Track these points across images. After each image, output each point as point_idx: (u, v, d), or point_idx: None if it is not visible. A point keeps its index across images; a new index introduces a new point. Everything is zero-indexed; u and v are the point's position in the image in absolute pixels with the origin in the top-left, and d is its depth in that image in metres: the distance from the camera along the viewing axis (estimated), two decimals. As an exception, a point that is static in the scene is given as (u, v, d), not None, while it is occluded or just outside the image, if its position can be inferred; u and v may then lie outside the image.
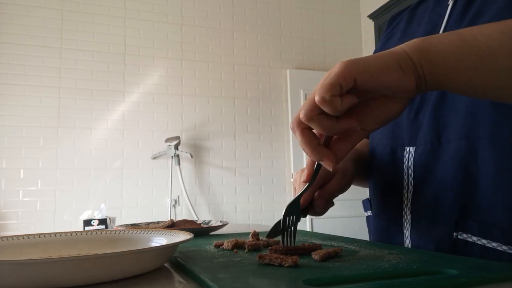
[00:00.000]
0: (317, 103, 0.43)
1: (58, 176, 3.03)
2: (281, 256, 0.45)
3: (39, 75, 3.07)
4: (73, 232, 0.62)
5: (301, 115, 0.45)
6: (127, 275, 0.44)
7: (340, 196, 1.01)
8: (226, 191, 3.44)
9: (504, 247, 0.53)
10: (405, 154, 0.66)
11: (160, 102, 3.34)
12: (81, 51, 3.18)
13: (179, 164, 3.24)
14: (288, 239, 0.53)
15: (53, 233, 0.60)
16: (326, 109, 0.43)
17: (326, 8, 3.95)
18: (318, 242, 0.65)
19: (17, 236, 0.58)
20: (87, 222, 2.70)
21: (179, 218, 3.24)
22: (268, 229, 1.03)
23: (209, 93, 3.49)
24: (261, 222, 3.40)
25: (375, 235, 0.74)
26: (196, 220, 1.03)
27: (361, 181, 0.82)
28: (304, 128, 0.47)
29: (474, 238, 0.56)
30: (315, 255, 0.48)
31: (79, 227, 2.95)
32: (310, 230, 1.69)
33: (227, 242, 0.59)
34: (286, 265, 0.44)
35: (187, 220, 1.01)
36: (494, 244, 0.54)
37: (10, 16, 3.04)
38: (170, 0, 3.47)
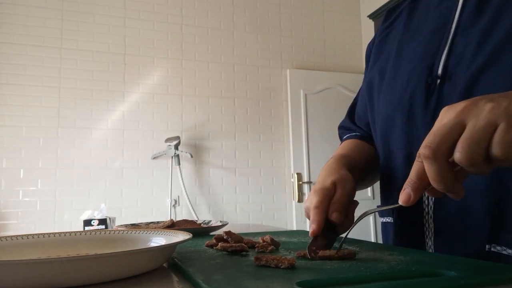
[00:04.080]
0: (497, 155, 0.37)
1: (58, 176, 3.03)
2: (278, 258, 0.45)
3: (39, 75, 3.07)
4: (72, 232, 0.62)
5: (462, 158, 0.38)
6: (126, 275, 0.44)
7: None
8: (226, 191, 3.44)
9: None
10: None
11: (160, 102, 3.34)
12: (81, 51, 3.18)
13: (179, 164, 3.24)
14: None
15: (53, 233, 0.60)
16: (500, 163, 0.38)
17: (326, 8, 3.95)
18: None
19: (17, 236, 0.58)
20: (87, 222, 2.70)
21: (179, 218, 3.24)
22: (267, 229, 1.03)
23: (209, 93, 3.49)
24: (261, 222, 3.40)
25: (395, 242, 0.70)
26: (196, 220, 1.03)
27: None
28: (446, 161, 0.40)
29: (510, 251, 0.51)
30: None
31: (79, 227, 2.94)
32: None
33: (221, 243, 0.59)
34: (283, 266, 0.43)
35: (187, 220, 1.01)
36: None
37: (10, 16, 3.04)
38: (170, 0, 3.47)
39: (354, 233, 0.76)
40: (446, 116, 0.41)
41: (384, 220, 0.76)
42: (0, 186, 2.91)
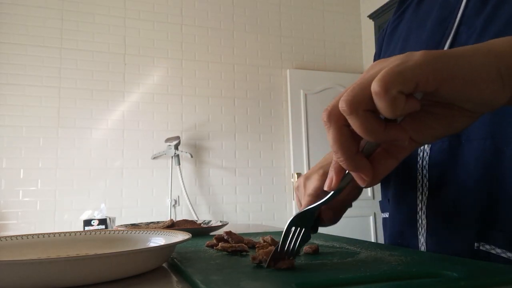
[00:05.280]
0: (372, 93, 0.32)
1: (58, 176, 3.03)
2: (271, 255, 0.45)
3: (39, 75, 3.07)
4: (72, 232, 0.62)
5: (343, 104, 0.33)
6: (125, 275, 0.44)
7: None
8: (226, 191, 3.44)
9: None
10: (419, 152, 0.61)
11: (160, 102, 3.34)
12: (81, 51, 3.18)
13: (179, 164, 3.24)
14: (288, 252, 0.45)
15: (53, 233, 0.60)
16: (382, 105, 0.31)
17: (326, 8, 3.95)
18: (321, 243, 0.65)
19: (17, 236, 0.58)
20: (87, 222, 2.70)
21: (179, 218, 3.24)
22: (267, 229, 1.03)
23: (209, 93, 3.49)
24: (261, 222, 3.40)
25: (389, 239, 0.69)
26: (196, 220, 1.03)
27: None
28: (342, 125, 0.35)
29: (498, 250, 0.50)
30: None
31: (79, 227, 2.94)
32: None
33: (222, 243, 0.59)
34: (284, 267, 0.43)
35: (187, 220, 1.01)
36: None
37: (10, 16, 3.04)
38: (170, 0, 3.47)
39: (354, 233, 0.76)
40: None
41: (384, 216, 0.76)
42: (0, 186, 2.91)
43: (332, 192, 0.42)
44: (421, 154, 0.60)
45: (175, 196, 3.27)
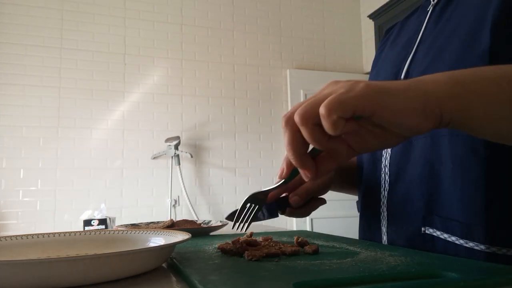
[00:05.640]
0: (321, 112, 0.39)
1: (58, 176, 3.03)
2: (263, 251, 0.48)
3: (39, 75, 3.07)
4: (72, 232, 0.62)
5: (296, 117, 0.41)
6: (125, 275, 0.44)
7: (341, 196, 1.01)
8: (226, 191, 3.44)
9: (461, 241, 0.56)
10: (383, 153, 0.70)
11: (160, 102, 3.34)
12: (81, 51, 3.18)
13: (179, 164, 3.24)
14: (240, 224, 0.58)
15: (53, 233, 0.60)
16: (325, 125, 0.39)
17: (326, 8, 3.95)
18: (321, 243, 0.65)
19: (17, 236, 0.58)
20: (87, 222, 2.70)
21: (179, 218, 3.24)
22: (267, 229, 1.03)
23: (209, 93, 3.49)
24: (261, 222, 3.39)
25: (360, 233, 0.77)
26: (196, 220, 1.03)
27: (350, 189, 0.85)
28: (296, 131, 0.43)
29: (438, 233, 0.59)
30: (249, 256, 0.50)
31: (79, 227, 2.94)
32: (310, 230, 1.67)
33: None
34: (289, 251, 0.47)
35: (187, 220, 1.01)
36: (453, 238, 0.57)
37: (10, 16, 3.04)
38: (170, 0, 3.47)
39: (354, 233, 0.77)
40: None
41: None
42: (0, 186, 2.91)
43: (282, 181, 0.54)
44: (385, 155, 0.69)
45: (175, 196, 3.27)
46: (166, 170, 3.26)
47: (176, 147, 3.19)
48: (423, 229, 0.61)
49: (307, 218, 3.46)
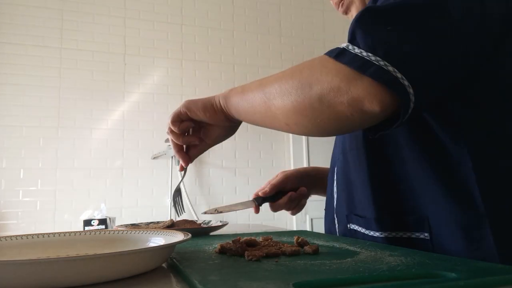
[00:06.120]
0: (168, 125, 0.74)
1: (58, 176, 3.03)
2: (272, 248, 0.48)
3: (39, 75, 3.07)
4: (72, 232, 0.62)
5: (168, 122, 0.74)
6: (125, 275, 0.44)
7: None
8: (226, 191, 3.44)
9: (366, 231, 0.70)
10: (335, 165, 0.84)
11: (160, 102, 3.34)
12: (81, 51, 3.18)
13: (179, 164, 3.23)
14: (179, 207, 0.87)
15: (53, 233, 0.60)
16: (171, 130, 0.74)
17: (326, 8, 3.95)
18: (321, 243, 0.65)
19: (17, 236, 0.58)
20: (87, 222, 2.70)
21: (179, 218, 3.24)
22: (267, 229, 1.03)
23: (209, 93, 3.45)
24: (261, 222, 3.39)
25: (325, 228, 0.92)
26: (196, 220, 1.03)
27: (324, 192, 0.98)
28: (173, 132, 0.75)
29: (358, 228, 0.72)
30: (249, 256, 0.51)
31: (79, 227, 2.94)
32: (310, 230, 1.67)
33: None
34: (289, 252, 0.46)
35: (187, 220, 1.01)
36: (363, 230, 0.71)
37: (10, 16, 3.04)
38: (170, 0, 3.47)
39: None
40: None
41: None
42: (0, 186, 2.91)
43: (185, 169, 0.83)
44: (338, 163, 0.82)
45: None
46: (166, 170, 3.26)
47: (176, 147, 3.19)
48: (348, 225, 0.75)
49: (307, 218, 3.46)
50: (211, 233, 0.89)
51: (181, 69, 3.43)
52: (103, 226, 2.65)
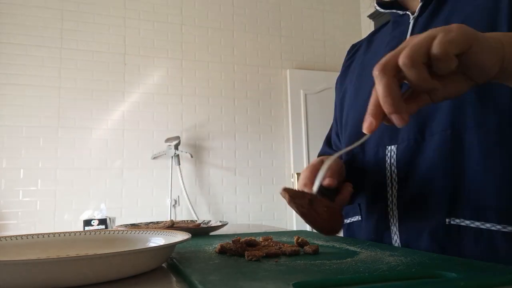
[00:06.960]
0: (437, 53, 0.41)
1: (58, 176, 3.03)
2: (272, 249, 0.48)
3: (39, 75, 3.07)
4: (72, 232, 0.62)
5: (404, 59, 0.42)
6: (125, 275, 0.44)
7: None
8: (226, 191, 3.44)
9: (498, 227, 0.57)
10: (386, 153, 0.71)
11: (160, 102, 3.34)
12: (81, 51, 3.18)
13: (179, 164, 3.24)
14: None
15: (53, 233, 0.60)
16: (441, 63, 0.42)
17: (326, 8, 3.95)
18: (321, 243, 0.65)
19: (17, 236, 0.58)
20: (87, 222, 2.71)
21: (179, 218, 3.25)
22: (267, 229, 1.03)
23: (209, 93, 3.49)
24: (261, 222, 3.39)
25: (365, 236, 0.76)
26: (196, 220, 1.03)
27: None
28: (393, 76, 0.43)
29: (467, 222, 0.59)
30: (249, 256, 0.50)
31: (79, 227, 2.94)
32: (310, 230, 1.67)
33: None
34: (289, 252, 0.46)
35: (187, 221, 1.01)
36: (488, 225, 0.58)
37: (10, 16, 3.04)
38: (170, 0, 3.47)
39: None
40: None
41: (349, 221, 0.81)
42: (0, 186, 2.91)
43: (367, 135, 0.48)
44: (389, 154, 0.70)
45: (175, 196, 3.27)
46: (166, 170, 3.26)
47: (176, 147, 3.19)
48: (447, 220, 0.61)
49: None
50: (211, 233, 0.89)
51: (181, 69, 3.43)
52: (103, 226, 2.65)
